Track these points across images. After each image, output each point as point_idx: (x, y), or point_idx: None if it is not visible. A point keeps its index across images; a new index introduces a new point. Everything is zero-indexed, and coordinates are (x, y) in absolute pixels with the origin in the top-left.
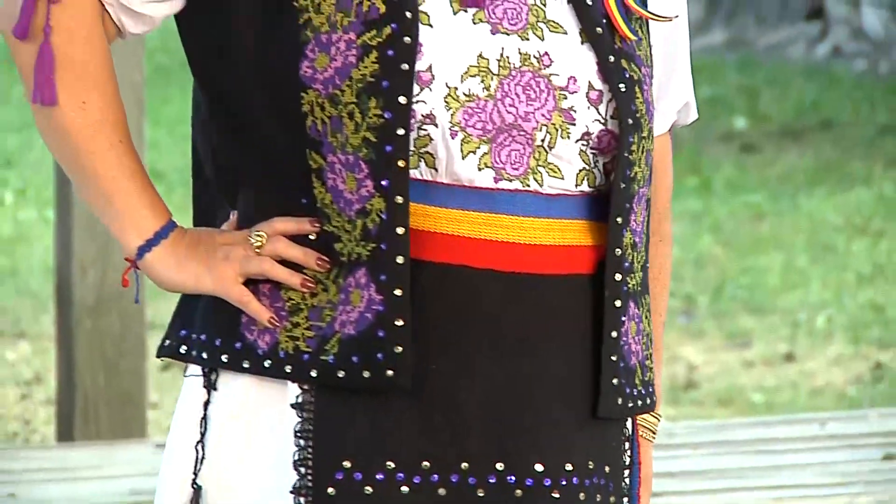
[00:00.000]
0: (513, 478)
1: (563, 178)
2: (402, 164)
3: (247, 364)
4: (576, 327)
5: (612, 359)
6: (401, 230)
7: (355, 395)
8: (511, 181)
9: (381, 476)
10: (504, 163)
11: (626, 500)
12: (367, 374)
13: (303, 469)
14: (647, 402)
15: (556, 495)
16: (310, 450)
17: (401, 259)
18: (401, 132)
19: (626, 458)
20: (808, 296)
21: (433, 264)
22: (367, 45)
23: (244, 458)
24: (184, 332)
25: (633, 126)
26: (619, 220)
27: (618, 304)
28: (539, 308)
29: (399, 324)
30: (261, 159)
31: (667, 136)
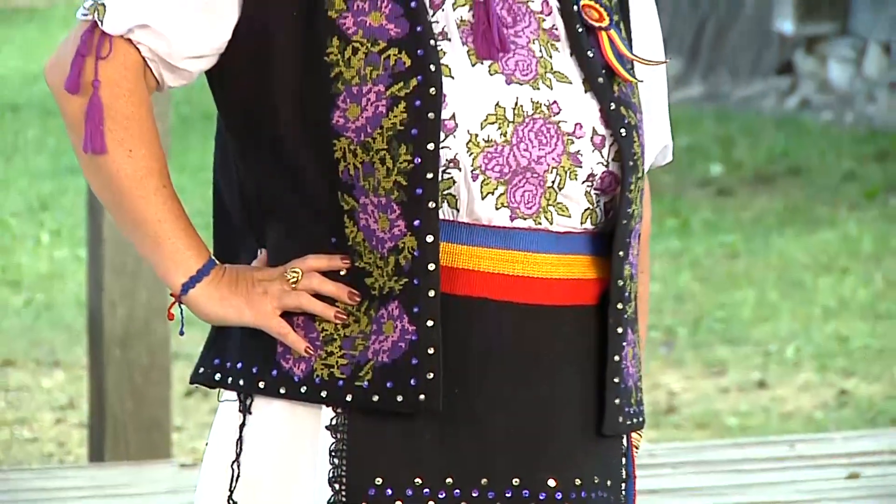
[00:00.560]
0: (527, 492)
1: (571, 217)
2: (431, 205)
3: (283, 390)
4: (583, 353)
5: (615, 380)
6: (432, 266)
7: (387, 417)
8: (525, 220)
9: (410, 492)
10: (518, 202)
11: None
12: (400, 399)
13: (337, 485)
14: (640, 420)
15: None
16: (344, 468)
17: (432, 293)
18: (430, 176)
19: (624, 472)
20: (779, 328)
21: (457, 297)
22: (395, 96)
23: (278, 476)
24: (217, 360)
25: (632, 167)
26: (621, 253)
27: (619, 330)
28: (551, 336)
29: (431, 352)
30: (297, 200)
31: (645, 176)
